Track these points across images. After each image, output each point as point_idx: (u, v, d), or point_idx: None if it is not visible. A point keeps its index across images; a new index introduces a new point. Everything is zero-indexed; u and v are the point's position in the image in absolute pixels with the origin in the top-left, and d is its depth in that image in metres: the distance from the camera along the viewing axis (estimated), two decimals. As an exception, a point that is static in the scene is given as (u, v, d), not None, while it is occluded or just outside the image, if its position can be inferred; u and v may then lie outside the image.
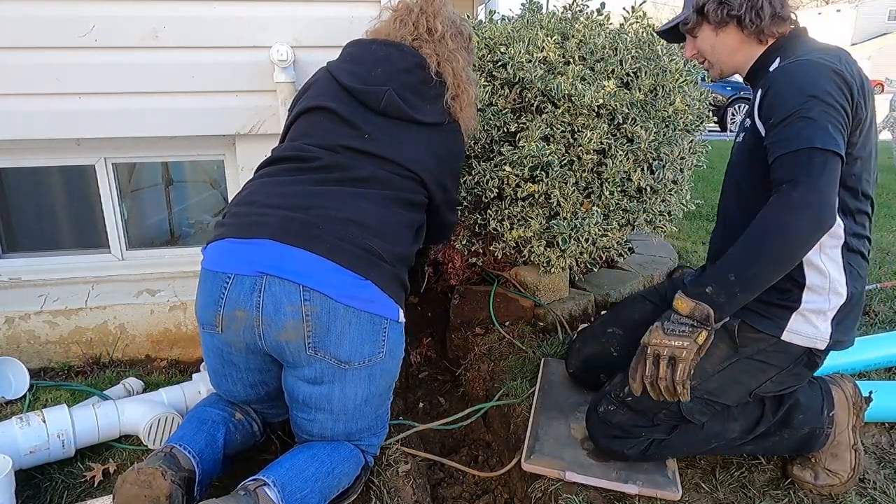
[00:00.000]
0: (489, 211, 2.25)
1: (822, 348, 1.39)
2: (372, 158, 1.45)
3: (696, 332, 1.26)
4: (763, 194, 1.28)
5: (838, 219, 1.32)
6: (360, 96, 1.48)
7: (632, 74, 2.22)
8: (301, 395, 1.39)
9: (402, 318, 1.42)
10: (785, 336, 1.40)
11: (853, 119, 1.27)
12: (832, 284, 1.36)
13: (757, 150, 1.35)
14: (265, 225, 1.33)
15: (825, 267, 1.36)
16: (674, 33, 1.60)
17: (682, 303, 1.28)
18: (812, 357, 1.42)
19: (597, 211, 2.15)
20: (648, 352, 1.30)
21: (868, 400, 1.55)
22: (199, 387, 1.77)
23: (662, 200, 2.33)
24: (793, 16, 1.44)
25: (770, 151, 1.27)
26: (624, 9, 2.46)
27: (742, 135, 1.46)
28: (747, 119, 1.44)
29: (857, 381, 1.59)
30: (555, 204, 2.14)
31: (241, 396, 1.50)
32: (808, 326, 1.39)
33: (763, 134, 1.33)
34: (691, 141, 2.35)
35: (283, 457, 1.38)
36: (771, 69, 1.40)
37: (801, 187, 1.18)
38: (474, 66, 2.27)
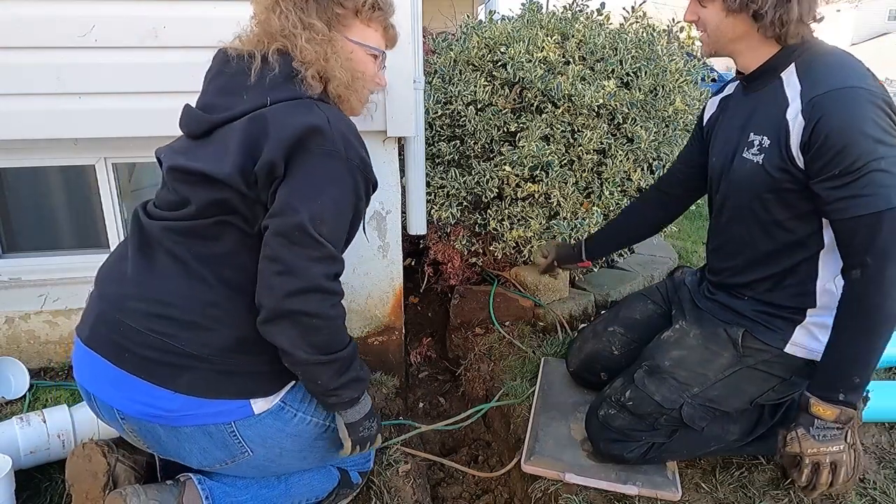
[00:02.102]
0: (489, 211, 2.25)
1: None
2: (188, 177, 1.19)
3: (844, 433, 1.29)
4: (794, 219, 1.32)
5: None
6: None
7: (632, 74, 2.22)
8: None
9: (260, 409, 1.21)
10: (788, 348, 1.40)
11: None
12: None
13: (787, 178, 1.29)
14: (86, 323, 1.21)
15: (838, 290, 1.33)
16: None
17: (827, 410, 1.26)
18: (814, 368, 1.40)
19: (597, 211, 2.15)
20: (807, 461, 1.30)
21: (865, 399, 1.55)
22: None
23: (662, 200, 2.33)
24: (817, 14, 1.28)
25: (836, 205, 1.21)
26: (624, 9, 2.46)
27: (760, 155, 1.33)
28: (765, 138, 1.32)
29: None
30: (555, 204, 2.15)
31: None
32: (810, 340, 1.39)
33: (801, 166, 1.25)
34: (691, 141, 2.35)
35: None
36: (784, 75, 1.30)
37: (893, 264, 1.17)
38: (473, 64, 2.27)
